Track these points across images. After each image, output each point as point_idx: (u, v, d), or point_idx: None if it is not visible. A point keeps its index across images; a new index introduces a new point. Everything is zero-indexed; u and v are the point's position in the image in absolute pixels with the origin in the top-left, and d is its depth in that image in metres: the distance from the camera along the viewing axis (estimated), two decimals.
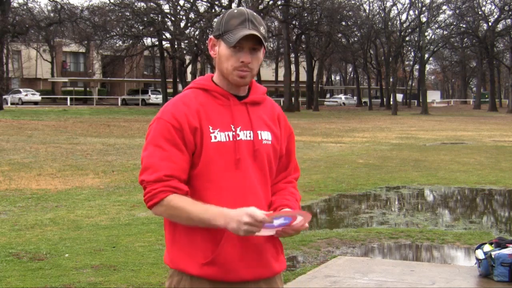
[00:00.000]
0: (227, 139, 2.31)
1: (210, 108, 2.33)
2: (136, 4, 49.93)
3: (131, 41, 53.41)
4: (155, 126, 2.31)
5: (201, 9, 51.87)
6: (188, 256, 2.29)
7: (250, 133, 2.36)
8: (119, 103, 63.78)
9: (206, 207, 2.21)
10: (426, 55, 66.81)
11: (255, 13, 2.35)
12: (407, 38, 69.76)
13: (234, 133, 2.32)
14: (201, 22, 48.02)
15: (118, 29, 53.08)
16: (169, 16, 50.97)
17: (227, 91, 2.37)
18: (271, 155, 2.41)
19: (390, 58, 64.97)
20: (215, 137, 2.29)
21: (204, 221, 2.20)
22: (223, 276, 2.28)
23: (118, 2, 50.53)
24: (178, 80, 61.26)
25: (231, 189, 2.30)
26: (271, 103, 2.50)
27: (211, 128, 2.30)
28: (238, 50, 2.30)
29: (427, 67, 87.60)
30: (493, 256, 5.71)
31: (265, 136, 2.40)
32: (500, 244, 5.91)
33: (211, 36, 2.39)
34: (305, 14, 56.87)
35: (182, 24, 50.76)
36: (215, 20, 2.13)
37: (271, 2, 49.34)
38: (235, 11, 2.34)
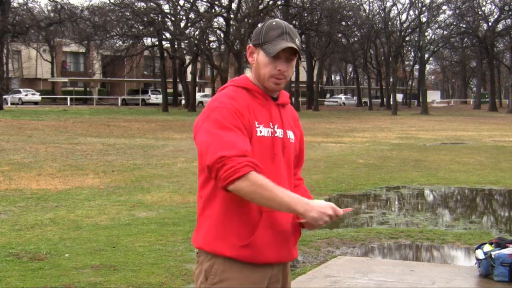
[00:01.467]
0: (268, 135, 2.54)
1: (255, 105, 2.55)
2: (136, 4, 49.92)
3: (131, 41, 53.44)
4: (216, 114, 2.44)
5: (201, 9, 51.87)
6: (225, 239, 2.45)
7: (281, 131, 2.60)
8: (119, 103, 63.79)
9: (287, 192, 2.39)
10: (426, 55, 66.80)
11: (291, 26, 2.59)
12: (407, 38, 69.73)
13: (272, 130, 2.56)
14: (201, 22, 47.99)
15: (118, 29, 53.09)
16: (169, 16, 50.95)
17: (265, 92, 2.60)
18: (293, 153, 2.67)
19: (390, 58, 64.96)
20: (260, 132, 2.52)
21: (284, 204, 2.34)
22: (254, 258, 2.45)
23: (118, 2, 50.51)
24: (178, 80, 61.29)
25: (274, 180, 2.45)
26: (291, 107, 2.78)
27: (256, 123, 2.51)
28: (276, 59, 2.53)
29: (427, 67, 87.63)
30: (493, 256, 5.71)
31: (291, 135, 2.66)
32: (500, 244, 5.91)
33: (250, 44, 2.61)
34: (305, 14, 56.87)
35: (182, 24, 50.74)
36: (256, 29, 2.23)
37: (271, 2, 49.31)
38: (274, 23, 2.57)
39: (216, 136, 2.38)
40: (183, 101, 62.30)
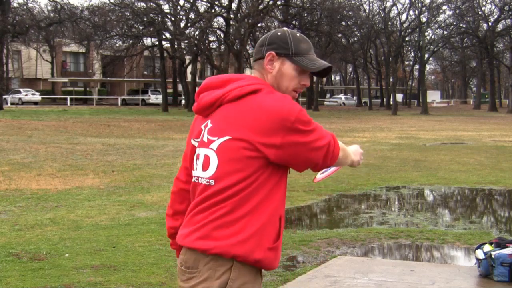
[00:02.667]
0: None
1: None
2: (136, 4, 49.93)
3: (131, 41, 53.45)
4: (305, 114, 2.42)
5: (201, 9, 51.89)
6: (258, 240, 2.36)
7: None
8: (119, 103, 63.81)
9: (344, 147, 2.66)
10: (426, 55, 66.80)
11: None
12: (407, 38, 69.74)
13: None
14: (201, 22, 47.99)
15: (118, 29, 53.10)
16: (169, 16, 50.96)
17: None
18: None
19: (390, 58, 64.96)
20: None
21: (349, 158, 2.73)
22: (273, 263, 2.43)
23: (118, 2, 50.52)
24: (178, 80, 61.29)
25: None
26: None
27: None
28: (302, 73, 2.51)
29: (427, 67, 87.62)
30: (493, 256, 5.71)
31: None
32: (500, 244, 5.91)
33: (272, 52, 2.48)
34: (305, 14, 56.87)
35: (182, 24, 50.75)
36: (281, 37, 2.19)
37: (271, 2, 49.31)
38: (298, 34, 2.53)
39: (318, 127, 2.46)
40: (183, 101, 62.29)
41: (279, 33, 2.51)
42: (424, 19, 63.37)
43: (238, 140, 2.34)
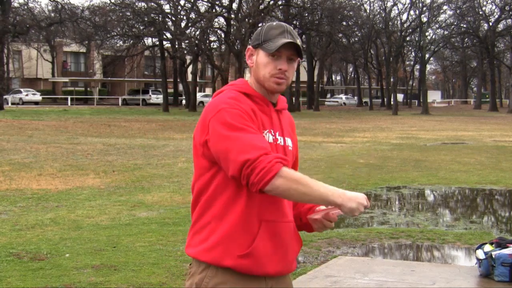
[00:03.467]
0: (272, 142, 2.44)
1: (256, 110, 2.45)
2: (136, 4, 49.93)
3: (131, 41, 53.44)
4: (225, 115, 2.31)
5: (202, 9, 51.84)
6: (224, 247, 2.34)
7: (282, 138, 2.51)
8: (120, 103, 63.79)
9: (321, 183, 2.28)
10: (427, 55, 66.77)
11: (291, 26, 2.51)
12: (407, 38, 69.74)
13: (274, 137, 2.47)
14: (202, 22, 47.98)
15: (118, 29, 53.11)
16: (170, 16, 50.96)
17: (265, 97, 2.50)
18: (291, 160, 2.54)
19: (391, 58, 64.95)
20: (267, 138, 2.43)
21: (323, 196, 2.26)
22: (253, 269, 2.35)
23: (118, 2, 50.52)
24: (178, 80, 61.30)
25: None
26: (287, 112, 2.66)
27: (262, 128, 2.43)
28: (276, 58, 2.44)
29: (428, 67, 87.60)
30: (493, 256, 5.71)
31: (289, 142, 2.56)
32: (501, 244, 5.91)
33: (249, 46, 2.52)
34: (306, 14, 56.85)
35: (183, 24, 50.75)
36: (259, 30, 2.16)
37: (271, 2, 49.31)
38: (274, 23, 2.49)
39: (232, 139, 2.26)
40: (183, 101, 62.32)
41: (259, 27, 2.57)
42: (424, 19, 63.37)
43: (195, 144, 2.44)
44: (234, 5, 49.44)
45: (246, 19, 46.66)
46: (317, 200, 2.29)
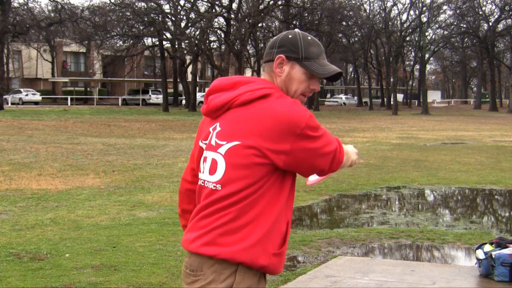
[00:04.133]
0: None
1: None
2: (136, 4, 49.93)
3: (131, 41, 53.45)
4: (314, 120, 2.42)
5: (202, 9, 51.87)
6: (262, 247, 2.35)
7: None
8: (120, 103, 63.82)
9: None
10: (427, 55, 66.77)
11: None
12: (407, 38, 69.73)
13: None
14: (202, 22, 47.99)
15: (118, 29, 53.11)
16: (170, 16, 50.96)
17: None
18: None
19: (391, 58, 64.95)
20: None
21: (349, 160, 2.71)
22: (277, 269, 2.41)
23: (118, 2, 50.53)
24: (178, 80, 61.31)
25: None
26: None
27: None
28: (311, 77, 2.48)
29: (428, 67, 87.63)
30: (493, 256, 5.71)
31: None
32: (501, 244, 5.91)
33: (281, 55, 2.45)
34: (306, 14, 56.87)
35: (183, 24, 50.75)
36: (293, 40, 2.11)
37: (271, 2, 49.31)
38: (309, 38, 2.48)
39: (326, 133, 2.47)
40: (183, 101, 62.32)
41: (290, 36, 2.47)
42: (424, 19, 63.36)
43: (247, 146, 2.32)
44: (234, 5, 49.45)
45: (246, 19, 46.68)
46: (348, 163, 2.77)
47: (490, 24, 67.41)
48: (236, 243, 2.32)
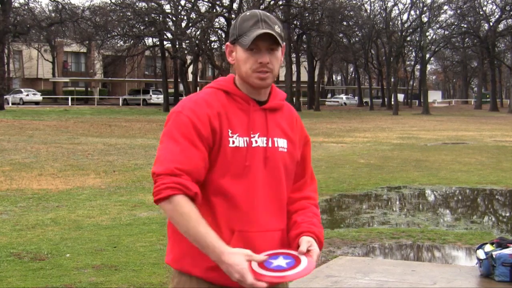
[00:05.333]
0: (243, 145, 2.25)
1: (231, 111, 2.27)
2: (137, 4, 49.94)
3: (132, 41, 53.41)
4: (173, 119, 2.25)
5: (202, 9, 51.87)
6: (193, 258, 2.23)
7: (264, 139, 2.29)
8: (120, 103, 63.83)
9: (207, 231, 2.10)
10: (427, 55, 66.75)
11: (268, 13, 2.30)
12: (408, 38, 69.73)
13: (249, 139, 2.26)
14: (202, 22, 48.00)
15: (119, 29, 53.09)
16: (170, 16, 50.96)
17: (247, 95, 2.32)
18: (287, 163, 2.35)
19: (391, 58, 64.94)
20: (233, 142, 2.24)
21: (199, 244, 2.11)
22: (224, 281, 2.17)
23: (119, 2, 50.54)
24: (179, 80, 61.29)
25: (240, 196, 2.24)
26: (289, 109, 2.45)
27: (230, 132, 2.24)
28: (256, 52, 2.25)
29: (428, 67, 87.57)
30: (494, 256, 5.71)
31: (281, 143, 2.34)
32: (501, 244, 5.91)
33: (227, 43, 2.35)
34: (306, 14, 56.87)
35: (183, 24, 50.75)
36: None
37: (272, 2, 49.31)
38: (248, 13, 2.29)
39: (162, 147, 2.23)
40: None
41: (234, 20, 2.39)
42: (425, 19, 63.36)
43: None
44: (235, 5, 49.44)
45: None
46: (198, 245, 2.12)
47: (491, 24, 67.39)
48: (169, 252, 2.33)
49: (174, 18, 50.63)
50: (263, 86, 2.29)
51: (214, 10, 50.00)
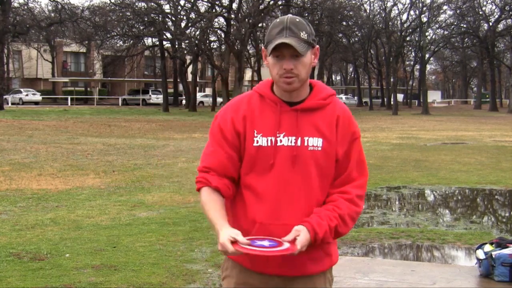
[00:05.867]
0: (268, 144, 2.43)
1: (259, 113, 2.47)
2: (136, 4, 49.93)
3: (131, 41, 53.43)
4: (211, 124, 2.59)
5: (202, 9, 51.85)
6: None
7: (293, 139, 2.43)
8: (120, 103, 63.82)
9: (215, 213, 2.42)
10: (427, 55, 66.74)
11: (298, 19, 2.41)
12: (407, 38, 69.72)
13: (274, 139, 2.43)
14: (202, 22, 47.98)
15: (118, 29, 53.10)
16: (170, 16, 50.96)
17: (278, 97, 2.48)
18: (321, 162, 2.45)
19: (391, 58, 64.95)
20: (257, 142, 2.44)
21: (210, 223, 2.45)
22: (250, 266, 2.48)
23: (118, 2, 50.52)
24: (178, 80, 61.32)
25: (266, 194, 2.44)
26: (333, 107, 2.51)
27: (255, 132, 2.45)
28: (281, 58, 2.40)
29: (428, 67, 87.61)
30: (493, 256, 5.71)
31: (314, 142, 2.44)
32: (501, 244, 5.91)
33: (263, 47, 2.51)
34: (306, 14, 56.78)
35: (183, 24, 50.76)
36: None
37: (271, 2, 49.30)
38: (277, 20, 2.44)
39: (204, 147, 2.60)
40: (183, 101, 62.32)
41: None
42: (424, 19, 63.36)
43: None
44: (234, 5, 49.44)
45: (246, 19, 46.66)
46: (210, 224, 2.47)
47: (490, 24, 67.40)
48: None
49: (173, 18, 50.63)
50: (289, 90, 2.44)
51: (214, 10, 49.98)
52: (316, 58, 2.49)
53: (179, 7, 51.85)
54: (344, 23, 60.18)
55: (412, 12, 66.98)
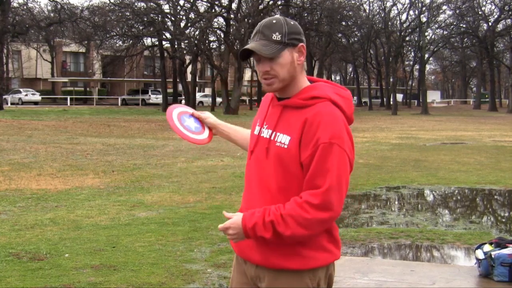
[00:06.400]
0: (256, 133, 2.59)
1: (263, 105, 2.66)
2: (136, 4, 49.90)
3: (131, 41, 53.39)
4: None
5: (201, 9, 51.86)
6: None
7: (270, 132, 2.49)
8: (119, 103, 63.83)
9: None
10: (426, 55, 66.80)
11: (275, 20, 2.43)
12: (407, 38, 69.78)
13: (259, 129, 2.57)
14: (201, 22, 47.98)
15: (118, 29, 53.06)
16: (169, 16, 50.93)
17: (274, 93, 2.60)
18: (285, 159, 2.40)
19: (390, 58, 64.98)
20: (254, 130, 2.63)
21: None
22: (236, 251, 2.65)
23: (118, 2, 50.50)
24: (178, 80, 61.29)
25: (245, 178, 2.65)
26: (312, 109, 2.40)
27: (258, 121, 2.63)
28: (258, 60, 2.46)
29: (427, 67, 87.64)
30: (493, 256, 5.71)
31: (282, 139, 2.41)
32: (500, 244, 5.91)
33: None
34: (305, 14, 56.84)
35: (182, 24, 50.72)
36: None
37: (271, 2, 49.30)
38: (263, 24, 2.49)
39: None
40: (183, 101, 62.25)
41: None
42: (424, 19, 63.41)
43: None
44: (234, 5, 49.44)
45: (246, 19, 46.65)
46: None
47: (490, 24, 67.45)
48: None
49: (173, 18, 50.60)
50: (270, 90, 2.51)
51: (213, 10, 49.97)
52: (302, 56, 2.48)
53: (179, 7, 51.83)
54: (344, 23, 60.19)
55: (411, 12, 67.12)
